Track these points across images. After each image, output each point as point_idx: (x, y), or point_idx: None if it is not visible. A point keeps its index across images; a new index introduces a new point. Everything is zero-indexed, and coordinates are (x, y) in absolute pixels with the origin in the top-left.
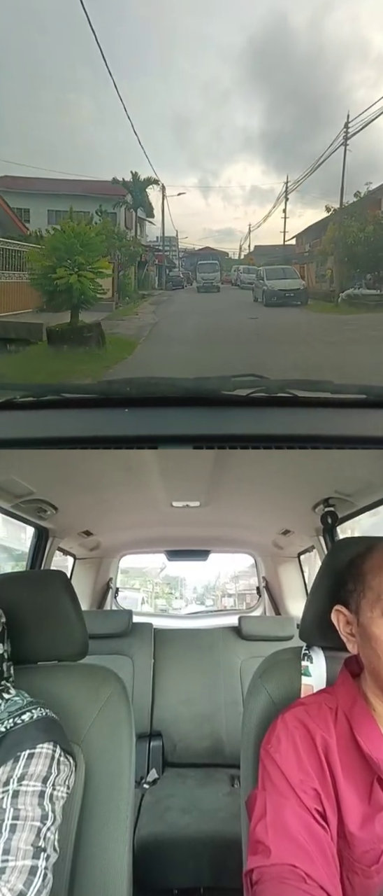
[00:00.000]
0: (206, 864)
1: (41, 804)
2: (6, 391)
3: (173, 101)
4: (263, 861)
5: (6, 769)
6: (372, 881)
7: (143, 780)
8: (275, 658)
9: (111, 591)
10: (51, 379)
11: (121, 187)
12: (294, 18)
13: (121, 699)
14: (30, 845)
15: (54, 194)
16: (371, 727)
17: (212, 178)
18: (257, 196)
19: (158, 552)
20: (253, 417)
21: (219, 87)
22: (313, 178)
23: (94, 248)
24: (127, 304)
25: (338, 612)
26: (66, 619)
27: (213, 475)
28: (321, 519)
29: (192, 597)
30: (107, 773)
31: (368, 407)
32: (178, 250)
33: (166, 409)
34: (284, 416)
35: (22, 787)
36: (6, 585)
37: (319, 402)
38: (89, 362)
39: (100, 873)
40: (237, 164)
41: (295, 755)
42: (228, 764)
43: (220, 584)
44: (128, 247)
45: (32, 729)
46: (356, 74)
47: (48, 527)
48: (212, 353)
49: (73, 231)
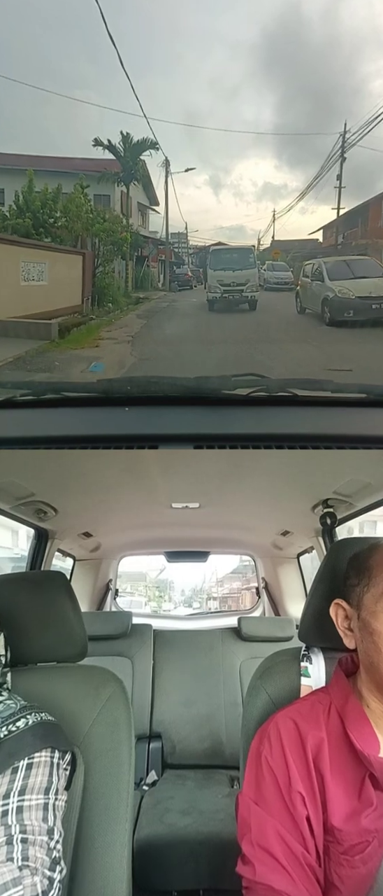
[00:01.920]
0: (206, 865)
1: (46, 818)
2: (6, 389)
3: (182, 96)
4: (250, 875)
5: (5, 780)
6: (358, 871)
7: (143, 781)
8: (274, 659)
9: (110, 593)
10: None
11: (110, 161)
12: (307, 8)
13: (120, 700)
14: (45, 856)
15: (37, 170)
16: (363, 724)
17: (223, 175)
18: (269, 192)
19: (158, 553)
20: (253, 417)
21: (228, 81)
22: (318, 179)
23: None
24: (108, 312)
25: (338, 605)
26: (66, 621)
27: (213, 476)
28: (320, 520)
29: (180, 599)
30: (106, 774)
31: (368, 406)
32: (188, 246)
33: (167, 409)
34: (284, 416)
35: (25, 802)
36: (6, 587)
37: (320, 401)
38: None
39: (99, 875)
40: (248, 160)
41: (283, 758)
42: (228, 765)
43: (206, 587)
44: (109, 231)
45: (29, 736)
46: (372, 64)
47: (48, 528)
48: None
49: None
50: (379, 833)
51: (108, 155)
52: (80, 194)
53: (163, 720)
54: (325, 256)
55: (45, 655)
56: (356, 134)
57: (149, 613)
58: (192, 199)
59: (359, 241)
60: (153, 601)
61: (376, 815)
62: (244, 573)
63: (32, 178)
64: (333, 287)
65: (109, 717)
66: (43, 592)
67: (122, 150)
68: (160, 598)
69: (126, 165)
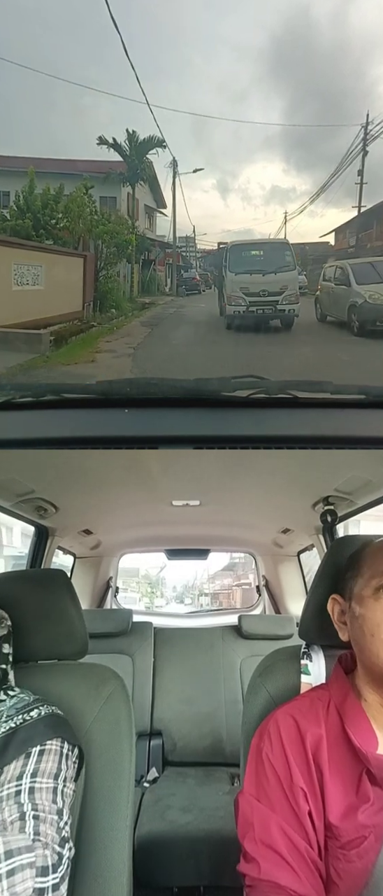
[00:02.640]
0: (206, 862)
1: (55, 800)
2: (5, 391)
3: (189, 100)
4: (254, 873)
5: (18, 764)
6: (354, 865)
7: (144, 778)
8: (274, 657)
9: (111, 590)
10: None
11: (115, 163)
12: (316, 10)
13: (121, 698)
14: (55, 833)
15: (40, 172)
16: (361, 720)
17: (230, 179)
18: (277, 195)
19: (158, 551)
20: (253, 418)
21: (236, 85)
22: (335, 177)
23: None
24: (110, 318)
25: (334, 600)
26: (67, 618)
27: (213, 474)
28: (321, 517)
29: (172, 595)
30: (107, 771)
31: (368, 407)
32: (196, 250)
33: (166, 410)
34: (284, 417)
35: (36, 784)
36: (6, 584)
37: (319, 402)
38: None
39: (100, 871)
40: (256, 164)
41: (284, 755)
42: (228, 763)
43: (198, 584)
44: (113, 232)
45: (41, 725)
46: (382, 67)
47: (48, 526)
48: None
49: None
50: (376, 828)
51: (114, 157)
52: (82, 194)
53: (163, 718)
54: (338, 259)
55: (45, 653)
56: (379, 125)
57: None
58: (200, 204)
59: (375, 242)
60: (146, 597)
61: (373, 810)
62: (235, 570)
63: (33, 178)
64: (362, 292)
65: (110, 714)
66: (44, 590)
67: (128, 149)
68: (152, 594)
69: (132, 165)
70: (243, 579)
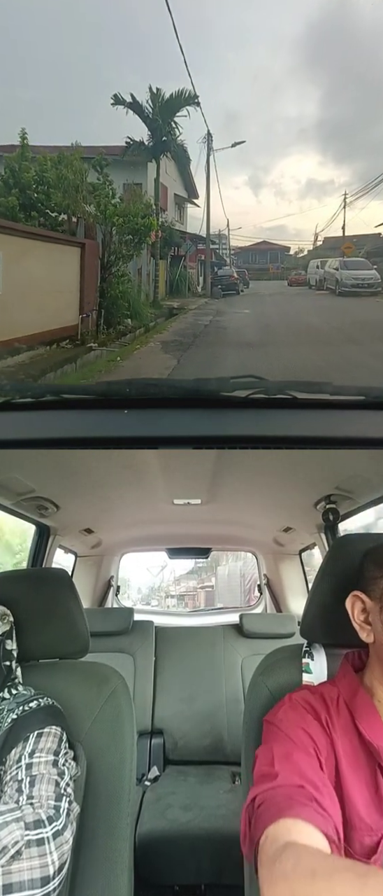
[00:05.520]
0: (207, 860)
1: (56, 763)
2: (4, 392)
3: (221, 96)
4: (269, 784)
5: (18, 750)
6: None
7: (145, 777)
8: (275, 655)
9: (112, 589)
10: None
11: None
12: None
13: (122, 696)
14: (52, 792)
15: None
16: (372, 715)
17: (263, 174)
18: (314, 189)
19: (159, 550)
20: (252, 419)
21: (269, 77)
22: (377, 166)
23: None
24: (121, 335)
25: (356, 597)
26: (68, 617)
27: (215, 473)
28: (322, 516)
29: (137, 598)
30: (108, 769)
31: (367, 408)
32: (230, 247)
33: (165, 411)
34: (283, 418)
35: (34, 759)
36: (8, 583)
37: (318, 403)
38: None
39: (101, 868)
40: (290, 157)
41: (304, 725)
42: (229, 761)
43: (164, 586)
44: (128, 214)
45: (40, 713)
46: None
47: (49, 524)
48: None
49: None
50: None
51: (134, 129)
52: (78, 158)
53: (164, 716)
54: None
55: (47, 652)
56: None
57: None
58: (231, 200)
59: None
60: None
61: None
62: (199, 574)
63: (26, 144)
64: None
65: (111, 712)
66: (46, 589)
67: (151, 111)
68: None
69: (156, 130)
70: (206, 582)
